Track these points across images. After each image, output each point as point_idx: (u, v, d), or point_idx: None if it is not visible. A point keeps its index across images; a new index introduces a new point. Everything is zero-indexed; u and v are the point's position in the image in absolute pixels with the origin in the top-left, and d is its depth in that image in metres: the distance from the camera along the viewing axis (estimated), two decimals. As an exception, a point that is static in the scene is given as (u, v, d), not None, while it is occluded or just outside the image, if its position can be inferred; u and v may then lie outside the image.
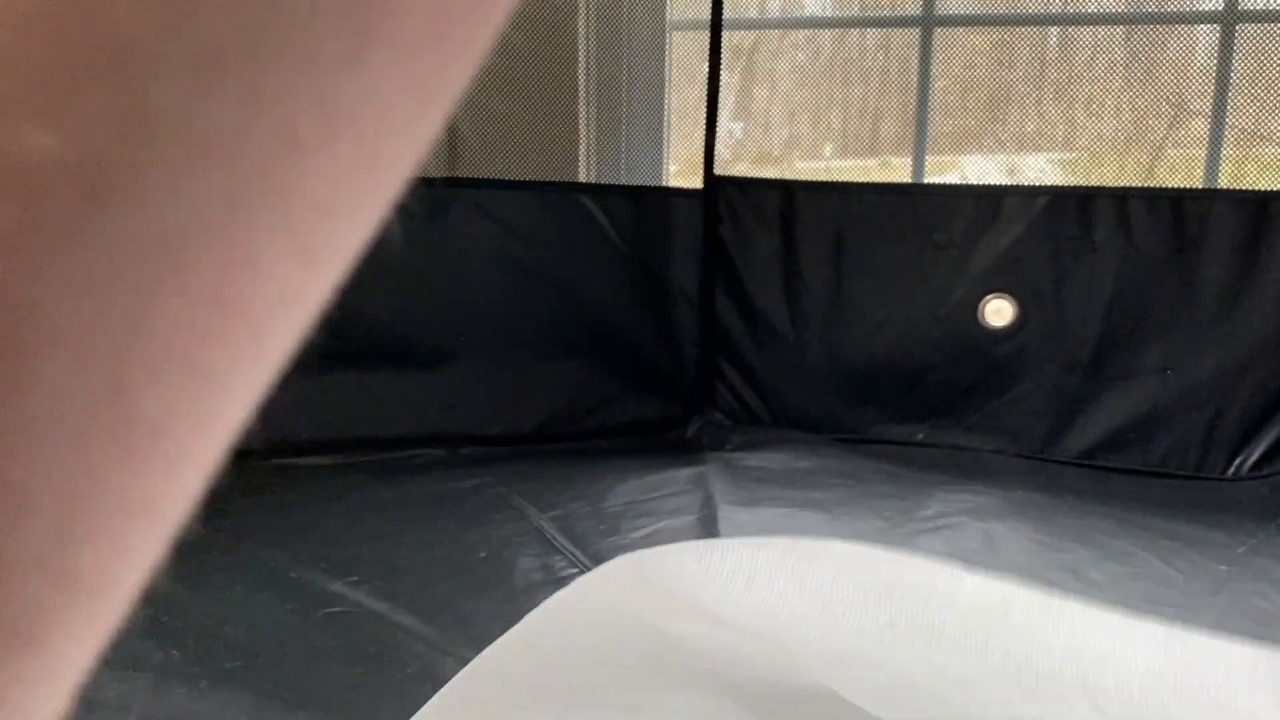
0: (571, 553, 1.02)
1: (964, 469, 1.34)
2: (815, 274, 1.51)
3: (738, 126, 1.85)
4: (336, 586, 0.92)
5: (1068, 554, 1.02)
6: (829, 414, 1.50)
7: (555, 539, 1.06)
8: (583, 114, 1.68)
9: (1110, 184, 1.45)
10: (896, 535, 1.10)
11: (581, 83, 1.67)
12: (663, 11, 1.72)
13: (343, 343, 1.38)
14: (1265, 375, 1.33)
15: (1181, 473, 1.35)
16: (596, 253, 1.48)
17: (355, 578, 0.94)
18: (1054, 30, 1.74)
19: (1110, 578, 0.98)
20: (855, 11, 1.83)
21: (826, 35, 1.80)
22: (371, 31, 0.09)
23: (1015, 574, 0.97)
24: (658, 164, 1.75)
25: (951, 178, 1.71)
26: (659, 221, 1.50)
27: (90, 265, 0.08)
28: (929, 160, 1.67)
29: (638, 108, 1.73)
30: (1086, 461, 1.38)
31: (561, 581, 0.95)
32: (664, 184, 1.73)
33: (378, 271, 1.40)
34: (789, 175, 1.78)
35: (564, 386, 1.48)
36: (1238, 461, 1.33)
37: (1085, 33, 1.74)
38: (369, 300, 1.38)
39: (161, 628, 0.83)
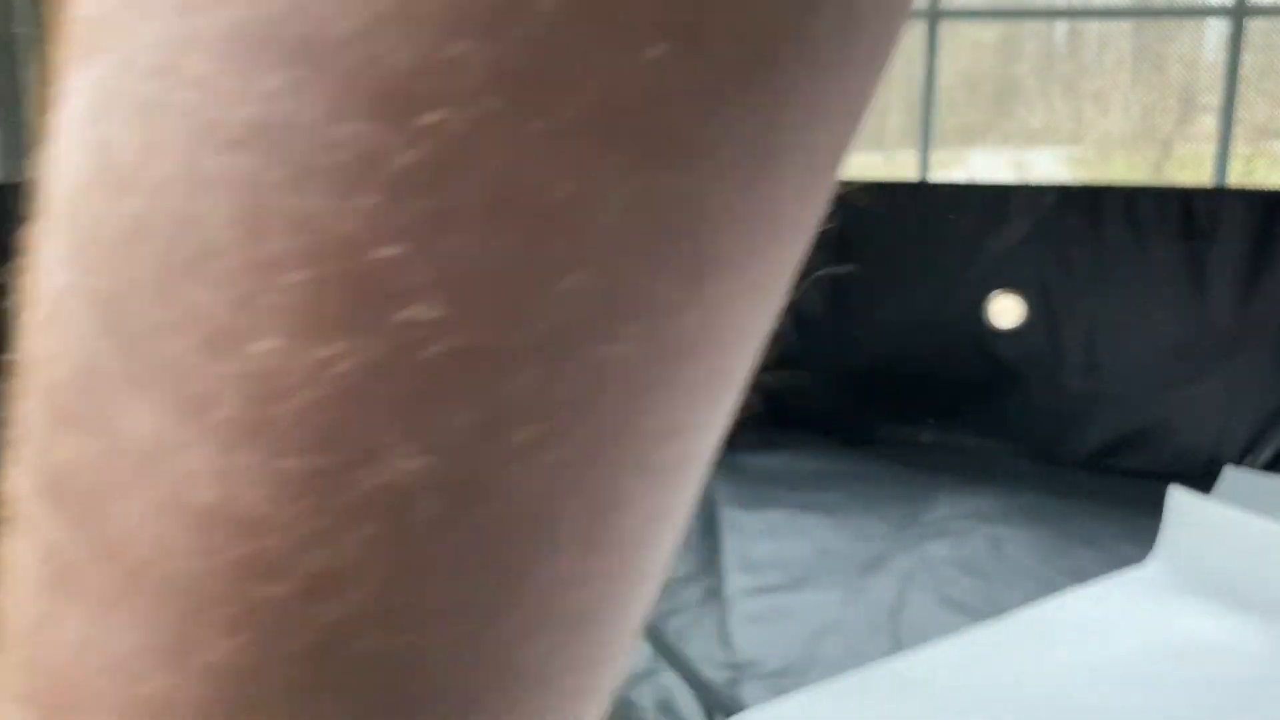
0: (570, 555, 1.01)
1: (970, 470, 1.33)
2: (819, 272, 1.49)
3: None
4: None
5: (1074, 560, 1.00)
6: (834, 414, 1.49)
7: (554, 541, 1.05)
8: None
9: (1119, 181, 1.44)
10: (902, 539, 1.09)
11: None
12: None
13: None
14: (1276, 376, 1.32)
15: (1191, 473, 1.34)
16: (597, 249, 1.47)
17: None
18: (1062, 24, 1.73)
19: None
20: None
21: (831, 29, 1.79)
22: (706, 271, 0.09)
23: (1021, 581, 0.95)
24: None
25: (958, 173, 1.70)
26: (661, 218, 1.49)
27: (460, 559, 0.09)
28: (935, 155, 1.66)
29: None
30: (1094, 463, 1.37)
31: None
32: (666, 180, 1.72)
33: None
34: (793, 171, 1.76)
35: (564, 385, 1.47)
36: (1246, 462, 1.32)
37: (1093, 26, 1.72)
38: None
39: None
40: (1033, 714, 0.66)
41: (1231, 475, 1.30)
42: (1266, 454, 1.31)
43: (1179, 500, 0.99)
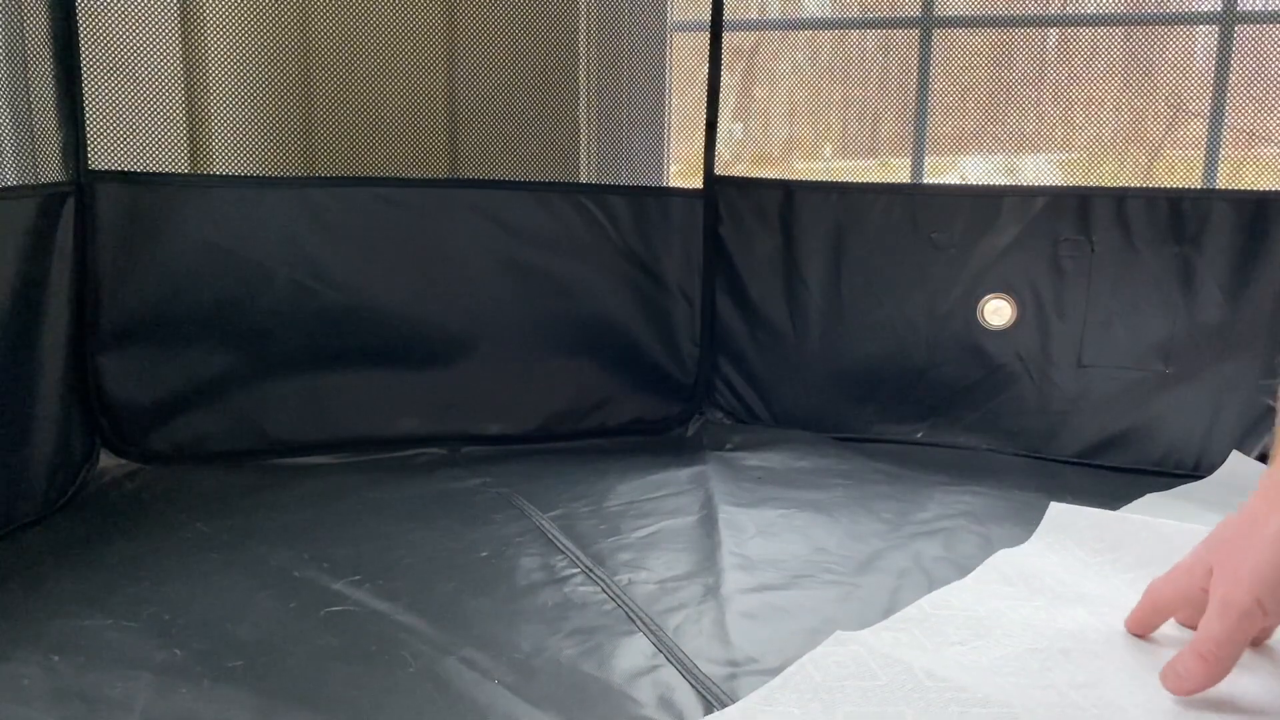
0: (573, 552, 1.03)
1: (963, 468, 1.34)
2: (815, 274, 1.51)
3: (738, 127, 1.86)
4: (338, 585, 0.93)
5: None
6: (829, 413, 1.50)
7: (556, 538, 1.07)
8: (583, 114, 1.69)
9: (1109, 184, 1.46)
10: (896, 538, 1.10)
11: (582, 83, 1.68)
12: (663, 12, 1.72)
13: (343, 343, 1.39)
14: (1263, 373, 1.33)
15: (1179, 471, 1.35)
16: (596, 253, 1.48)
17: (357, 577, 0.95)
18: (1053, 31, 1.74)
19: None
20: (855, 13, 1.83)
21: (826, 36, 1.81)
22: None
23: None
24: (658, 164, 1.76)
25: (951, 178, 1.72)
26: (659, 221, 1.51)
27: None
28: (928, 161, 1.68)
29: (638, 108, 1.74)
30: (1085, 460, 1.39)
31: (563, 581, 0.95)
32: (664, 184, 1.74)
33: (377, 271, 1.39)
34: (789, 175, 1.78)
35: (564, 386, 1.49)
36: (1236, 461, 1.33)
37: (1084, 34, 1.74)
38: (369, 300, 1.38)
39: (164, 627, 0.83)
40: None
41: (1235, 460, 1.30)
42: (1254, 453, 1.33)
43: (1056, 512, 1.00)
